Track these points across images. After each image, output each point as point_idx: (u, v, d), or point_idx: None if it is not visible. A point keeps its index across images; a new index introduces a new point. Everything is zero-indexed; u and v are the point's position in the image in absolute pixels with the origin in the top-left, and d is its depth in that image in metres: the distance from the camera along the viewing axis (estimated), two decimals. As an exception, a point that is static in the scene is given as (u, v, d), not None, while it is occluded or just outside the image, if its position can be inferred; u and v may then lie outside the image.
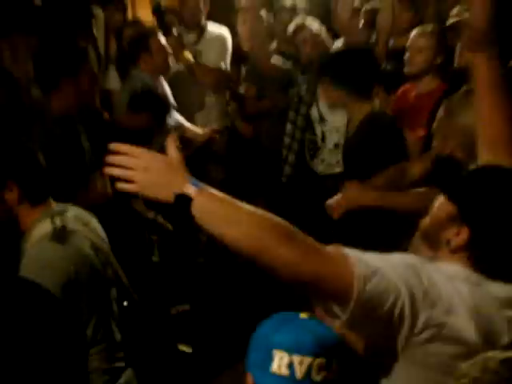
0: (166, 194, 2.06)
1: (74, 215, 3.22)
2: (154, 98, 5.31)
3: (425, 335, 2.05)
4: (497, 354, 1.68)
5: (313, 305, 2.28)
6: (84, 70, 4.44)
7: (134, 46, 5.53)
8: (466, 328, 2.03)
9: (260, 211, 2.12)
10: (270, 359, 2.02)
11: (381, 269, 2.08)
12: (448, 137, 3.29)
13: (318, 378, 1.95)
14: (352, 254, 2.08)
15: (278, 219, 2.10)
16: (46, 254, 2.97)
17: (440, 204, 2.30)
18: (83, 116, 4.65)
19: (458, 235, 2.16)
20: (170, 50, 5.58)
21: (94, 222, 3.38)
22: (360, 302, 1.99)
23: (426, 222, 2.41)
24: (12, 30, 6.11)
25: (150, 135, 5.07)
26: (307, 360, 1.98)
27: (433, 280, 2.12)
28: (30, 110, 5.17)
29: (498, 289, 2.19)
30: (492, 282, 2.20)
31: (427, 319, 2.04)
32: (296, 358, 1.99)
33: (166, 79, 5.76)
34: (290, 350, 2.00)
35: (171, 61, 5.68)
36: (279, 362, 2.01)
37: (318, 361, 1.97)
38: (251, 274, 2.44)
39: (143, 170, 2.09)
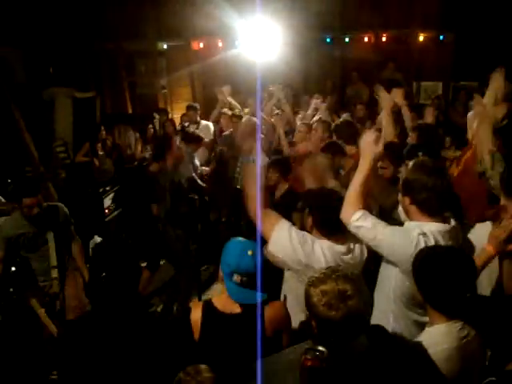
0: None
1: None
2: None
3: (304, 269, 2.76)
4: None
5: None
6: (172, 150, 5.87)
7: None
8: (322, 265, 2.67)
9: (253, 187, 2.79)
10: (232, 275, 2.52)
11: (285, 234, 2.81)
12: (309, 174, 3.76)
13: (253, 283, 2.49)
14: (279, 223, 2.84)
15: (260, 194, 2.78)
16: None
17: (306, 214, 3.01)
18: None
19: (308, 219, 2.96)
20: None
21: None
22: (269, 249, 2.82)
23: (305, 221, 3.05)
24: (118, 123, 8.46)
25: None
26: (248, 276, 2.50)
27: (312, 245, 2.84)
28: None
29: (339, 247, 2.88)
30: (335, 244, 2.89)
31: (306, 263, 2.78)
32: (243, 277, 2.51)
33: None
34: (241, 273, 2.51)
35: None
36: (236, 277, 2.51)
37: (253, 276, 2.49)
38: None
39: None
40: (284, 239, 2.79)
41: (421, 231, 2.63)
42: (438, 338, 2.21)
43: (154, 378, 2.38)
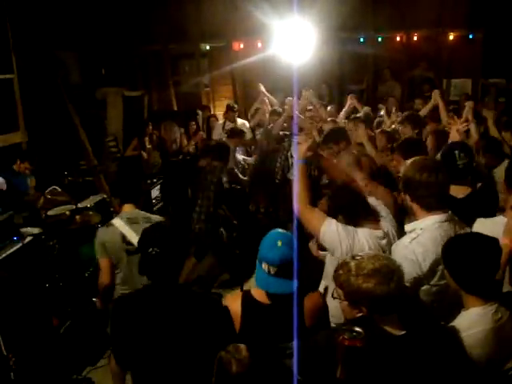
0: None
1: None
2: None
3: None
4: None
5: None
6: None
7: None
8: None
9: (303, 187, 2.91)
10: (261, 264, 2.50)
11: (333, 229, 2.85)
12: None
13: (281, 274, 2.44)
14: (327, 219, 2.88)
15: (307, 194, 2.91)
16: None
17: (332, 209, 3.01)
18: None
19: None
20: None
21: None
22: (321, 240, 2.88)
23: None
24: (164, 119, 8.51)
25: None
26: (275, 267, 2.46)
27: (355, 235, 2.86)
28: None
29: (377, 232, 2.93)
30: (374, 230, 2.93)
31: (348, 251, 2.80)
32: (270, 266, 2.47)
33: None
34: (268, 262, 2.48)
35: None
36: (264, 266, 2.48)
37: (281, 266, 2.43)
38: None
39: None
40: (332, 232, 2.81)
41: (410, 240, 2.62)
42: (474, 320, 2.15)
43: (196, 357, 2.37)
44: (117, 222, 3.68)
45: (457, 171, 3.42)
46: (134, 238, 3.46)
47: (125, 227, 3.60)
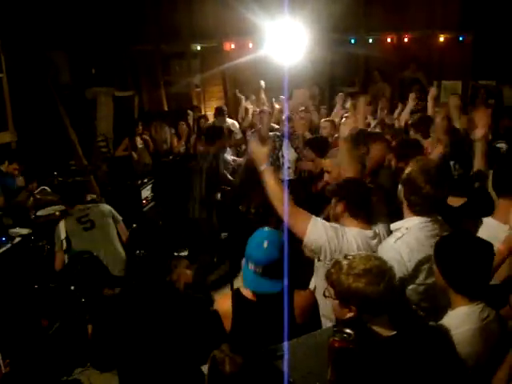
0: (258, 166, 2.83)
1: None
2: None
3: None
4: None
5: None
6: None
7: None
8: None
9: (280, 186, 2.78)
10: (248, 264, 2.54)
11: (319, 227, 2.77)
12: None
13: (267, 274, 2.47)
14: (312, 218, 2.78)
15: (285, 192, 2.76)
16: None
17: (335, 203, 2.96)
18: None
19: (338, 207, 2.92)
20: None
21: None
22: (306, 241, 2.77)
23: (332, 211, 3.04)
24: (154, 119, 8.52)
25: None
26: (260, 267, 2.49)
27: (343, 234, 2.80)
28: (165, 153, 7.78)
29: (367, 232, 2.88)
30: (364, 230, 2.87)
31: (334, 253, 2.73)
32: (256, 266, 2.51)
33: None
34: (253, 262, 2.51)
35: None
36: (250, 265, 2.51)
37: (267, 266, 2.47)
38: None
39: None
40: (319, 231, 2.75)
41: (395, 239, 2.63)
42: (461, 319, 2.17)
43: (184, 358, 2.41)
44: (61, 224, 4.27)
45: (451, 183, 3.37)
46: (63, 234, 4.22)
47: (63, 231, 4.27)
